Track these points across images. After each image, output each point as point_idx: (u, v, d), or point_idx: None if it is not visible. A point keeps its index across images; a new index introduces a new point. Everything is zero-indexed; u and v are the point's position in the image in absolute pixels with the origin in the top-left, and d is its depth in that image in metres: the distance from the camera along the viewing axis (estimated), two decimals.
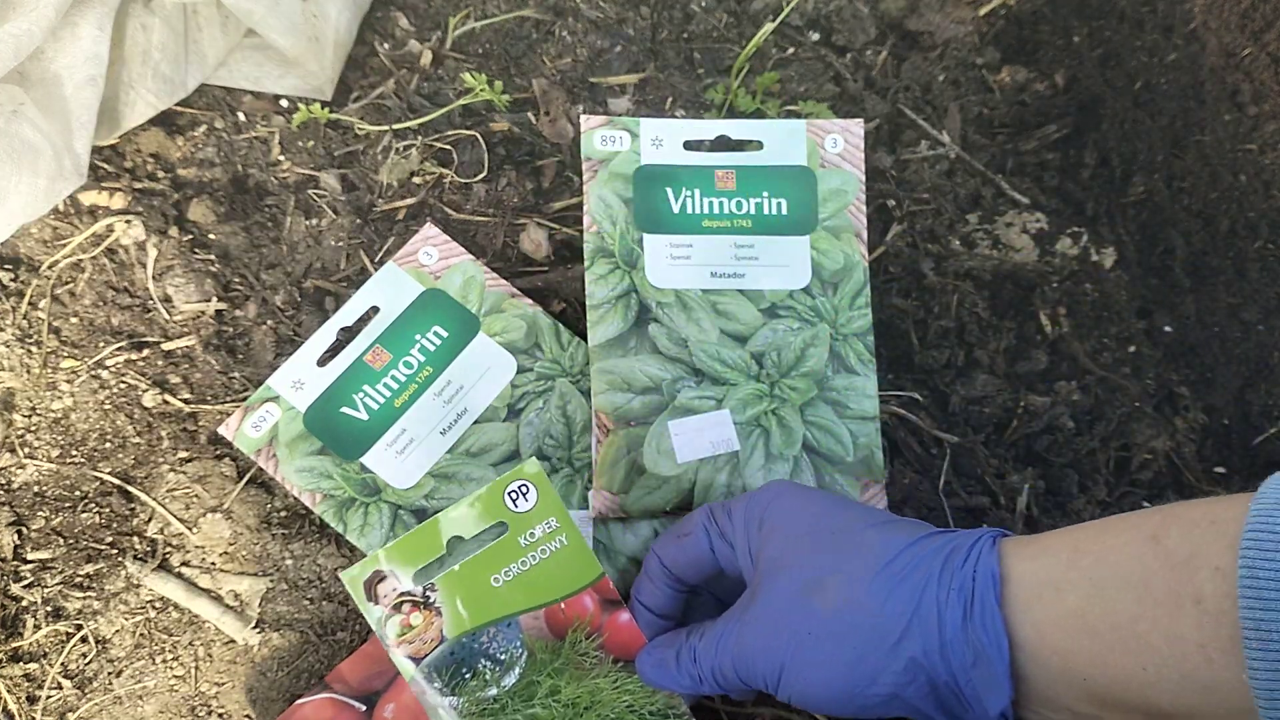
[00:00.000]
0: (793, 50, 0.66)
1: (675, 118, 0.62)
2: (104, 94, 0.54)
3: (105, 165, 0.60)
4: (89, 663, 0.50)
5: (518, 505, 0.46)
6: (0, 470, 0.53)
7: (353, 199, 0.60)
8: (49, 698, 0.49)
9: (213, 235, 0.59)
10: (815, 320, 0.53)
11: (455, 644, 0.45)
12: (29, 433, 0.54)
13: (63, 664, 0.50)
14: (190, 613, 0.51)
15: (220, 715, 0.50)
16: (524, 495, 0.46)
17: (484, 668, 0.45)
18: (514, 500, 0.46)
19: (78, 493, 0.53)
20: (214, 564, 0.52)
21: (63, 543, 0.52)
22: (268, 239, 0.59)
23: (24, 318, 0.56)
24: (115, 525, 0.53)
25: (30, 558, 0.52)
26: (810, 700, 0.36)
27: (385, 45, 0.65)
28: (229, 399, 0.55)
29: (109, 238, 0.58)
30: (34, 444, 0.54)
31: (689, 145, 0.56)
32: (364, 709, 0.48)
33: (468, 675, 0.45)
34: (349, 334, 0.54)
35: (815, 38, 0.67)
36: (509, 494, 0.46)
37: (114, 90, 0.56)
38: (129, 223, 0.58)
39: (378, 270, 0.55)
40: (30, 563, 0.52)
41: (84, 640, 0.51)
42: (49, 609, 0.51)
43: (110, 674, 0.50)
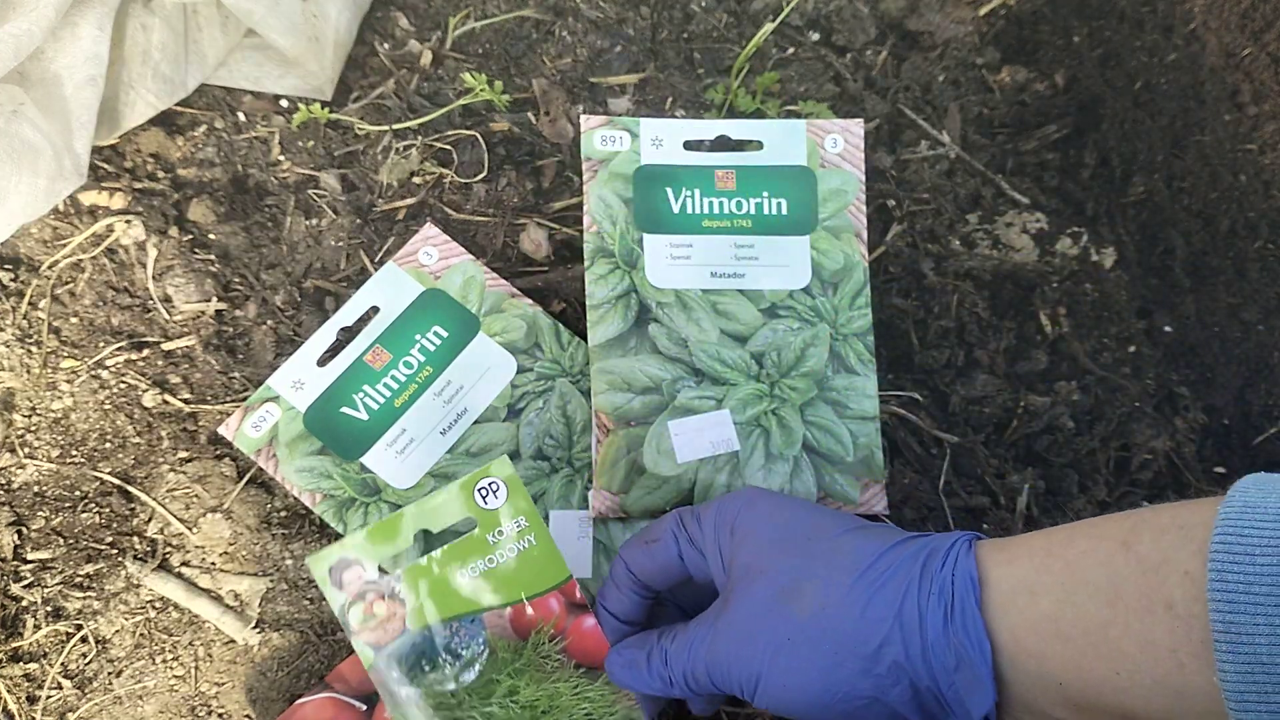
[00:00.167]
0: (793, 50, 0.66)
1: (675, 118, 0.62)
2: (104, 94, 0.54)
3: (105, 165, 0.60)
4: (89, 663, 0.50)
5: (487, 502, 0.45)
6: (0, 470, 0.53)
7: (353, 199, 0.60)
8: (49, 698, 0.49)
9: (213, 235, 0.59)
10: (815, 320, 0.53)
11: (417, 635, 0.44)
12: (29, 433, 0.54)
13: (63, 664, 0.50)
14: (190, 613, 0.51)
15: (220, 715, 0.50)
16: (494, 493, 0.45)
17: (444, 662, 0.44)
18: (483, 497, 0.45)
19: (78, 493, 0.53)
20: (214, 564, 0.52)
21: (63, 543, 0.52)
22: (268, 239, 0.59)
23: (24, 318, 0.56)
24: (115, 525, 0.53)
25: (30, 558, 0.52)
26: (788, 707, 0.35)
27: (385, 45, 0.65)
28: (229, 399, 0.55)
29: (109, 238, 0.58)
30: (34, 444, 0.54)
31: (689, 145, 0.56)
32: (365, 709, 0.48)
33: (427, 668, 0.44)
34: (349, 334, 0.54)
35: (815, 38, 0.67)
36: (479, 490, 0.45)
37: (114, 90, 0.56)
38: (129, 223, 0.58)
39: (378, 270, 0.55)
40: (30, 563, 0.52)
41: (84, 640, 0.51)
42: (49, 609, 0.51)
43: (110, 674, 0.50)
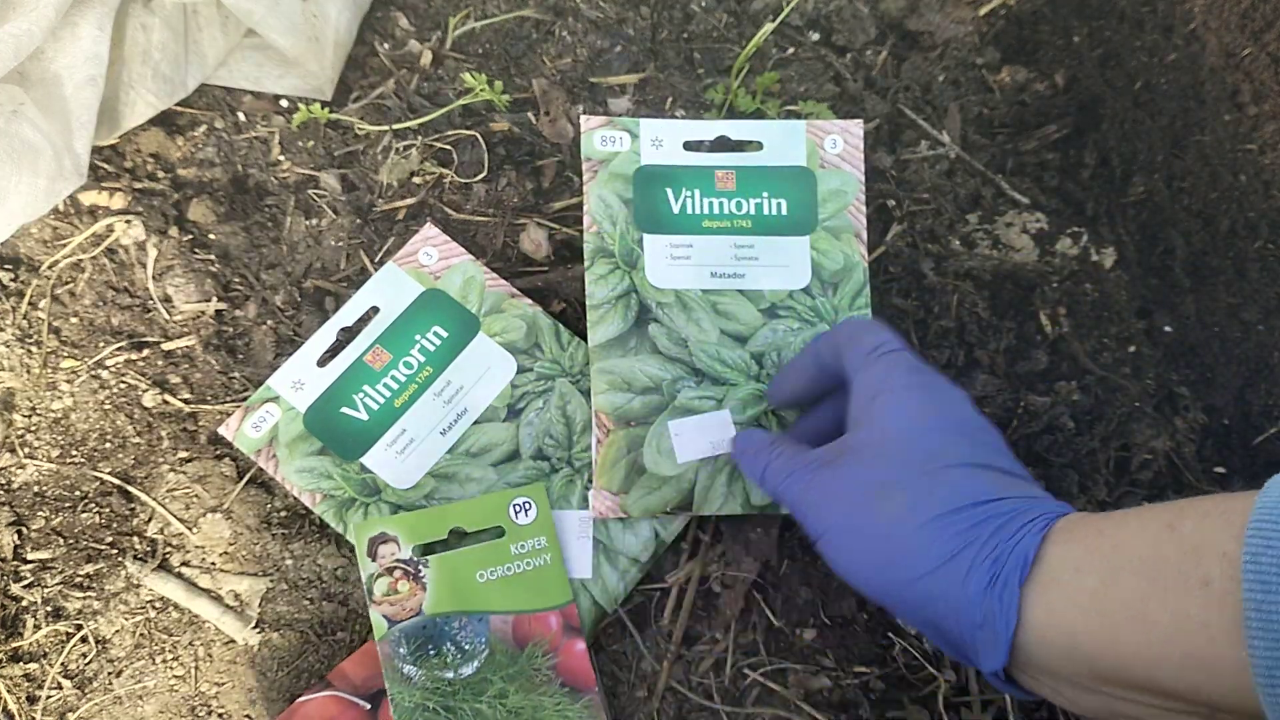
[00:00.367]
0: (793, 50, 0.66)
1: (675, 118, 0.62)
2: (104, 94, 0.54)
3: (105, 165, 0.60)
4: (89, 663, 0.50)
5: (518, 518, 0.50)
6: (0, 470, 0.53)
7: (353, 199, 0.60)
8: (49, 698, 0.49)
9: (213, 235, 0.59)
10: (815, 320, 0.53)
11: (429, 620, 0.48)
12: (29, 433, 0.54)
13: (63, 664, 0.50)
14: (190, 613, 0.51)
15: (220, 715, 0.50)
16: (525, 511, 0.51)
17: (448, 650, 0.48)
18: (516, 512, 0.51)
19: (78, 493, 0.53)
20: (214, 564, 0.52)
21: (63, 543, 0.52)
22: (268, 239, 0.59)
23: (24, 318, 0.56)
24: (115, 525, 0.53)
25: (30, 558, 0.52)
26: (836, 570, 0.40)
27: (385, 45, 0.65)
28: (229, 399, 0.55)
29: (109, 238, 0.58)
30: (34, 444, 0.54)
31: (689, 146, 0.56)
32: (369, 707, 0.48)
33: (432, 652, 0.48)
34: (349, 334, 0.54)
35: (815, 38, 0.67)
36: (513, 505, 0.51)
37: (114, 90, 0.56)
38: (129, 223, 0.58)
39: (378, 270, 0.55)
40: (30, 563, 0.52)
41: (84, 640, 0.51)
42: (49, 609, 0.51)
43: (110, 674, 0.50)
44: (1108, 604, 0.31)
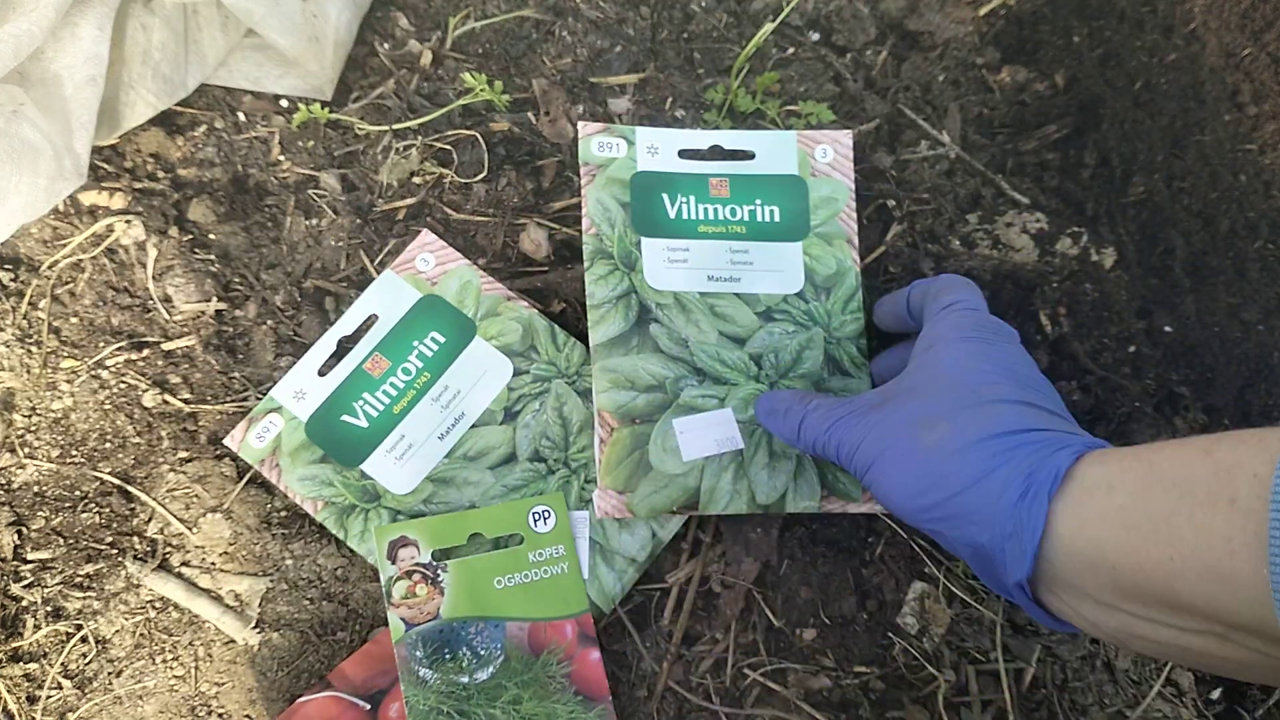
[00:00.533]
0: (793, 50, 0.66)
1: (675, 118, 0.62)
2: (104, 94, 0.54)
3: (105, 165, 0.60)
4: (89, 663, 0.50)
5: (538, 526, 0.51)
6: (0, 470, 0.53)
7: (353, 199, 0.60)
8: (49, 698, 0.49)
9: (213, 235, 0.59)
10: (809, 324, 0.54)
11: (446, 624, 0.49)
12: (29, 433, 0.54)
13: (63, 664, 0.50)
14: (190, 613, 0.51)
15: (220, 715, 0.50)
16: (545, 519, 0.51)
17: (464, 655, 0.48)
18: (535, 520, 0.51)
19: (78, 493, 0.53)
20: (214, 564, 0.52)
21: (63, 543, 0.52)
22: (268, 239, 0.59)
23: (24, 318, 0.56)
24: (115, 525, 0.53)
25: (30, 558, 0.52)
26: (880, 497, 0.42)
27: (385, 45, 0.65)
28: (229, 399, 0.55)
29: (109, 238, 0.58)
30: (34, 444, 0.54)
31: (683, 154, 0.57)
32: (369, 708, 0.48)
33: (448, 656, 0.48)
34: (348, 343, 0.54)
35: (815, 38, 0.67)
36: (533, 513, 0.51)
37: (114, 90, 0.56)
38: (129, 223, 0.58)
39: (376, 278, 0.55)
40: (30, 563, 0.52)
41: (84, 640, 0.51)
42: (49, 609, 0.51)
43: (110, 674, 0.50)
44: (1136, 518, 0.32)
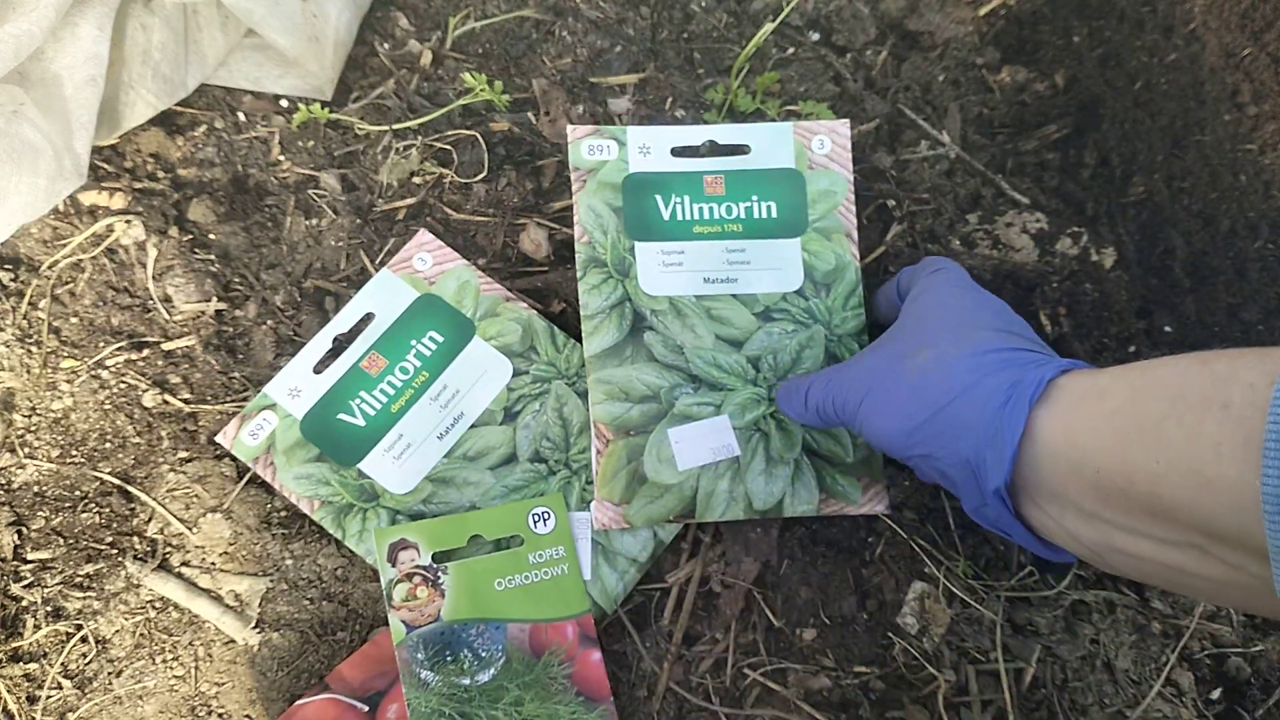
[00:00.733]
0: (793, 50, 0.66)
1: (675, 118, 0.62)
2: (104, 94, 0.54)
3: (105, 165, 0.60)
4: (89, 663, 0.50)
5: (537, 527, 0.51)
6: (0, 470, 0.53)
7: (353, 199, 0.60)
8: (49, 698, 0.49)
9: (213, 235, 0.59)
10: (809, 322, 0.54)
11: (447, 626, 0.49)
12: (29, 433, 0.54)
13: (63, 664, 0.50)
14: (190, 613, 0.51)
15: (220, 715, 0.50)
16: (544, 520, 0.51)
17: (465, 657, 0.48)
18: (535, 522, 0.51)
19: (78, 493, 0.53)
20: (214, 564, 0.52)
21: (63, 543, 0.52)
22: (268, 239, 0.59)
23: (24, 318, 0.56)
24: (115, 525, 0.53)
25: (30, 558, 0.52)
26: (871, 433, 0.42)
27: (385, 45, 0.65)
28: (229, 399, 0.55)
29: (109, 238, 0.58)
30: (34, 444, 0.54)
31: (676, 152, 0.56)
32: (367, 710, 0.48)
33: (449, 658, 0.48)
34: (344, 341, 0.54)
35: (815, 38, 0.67)
36: (532, 514, 0.51)
37: (114, 90, 0.56)
38: (129, 223, 0.58)
39: (373, 276, 0.55)
40: (30, 563, 0.52)
41: (84, 640, 0.51)
42: (49, 609, 0.51)
43: (110, 674, 0.50)
44: (1124, 422, 0.32)
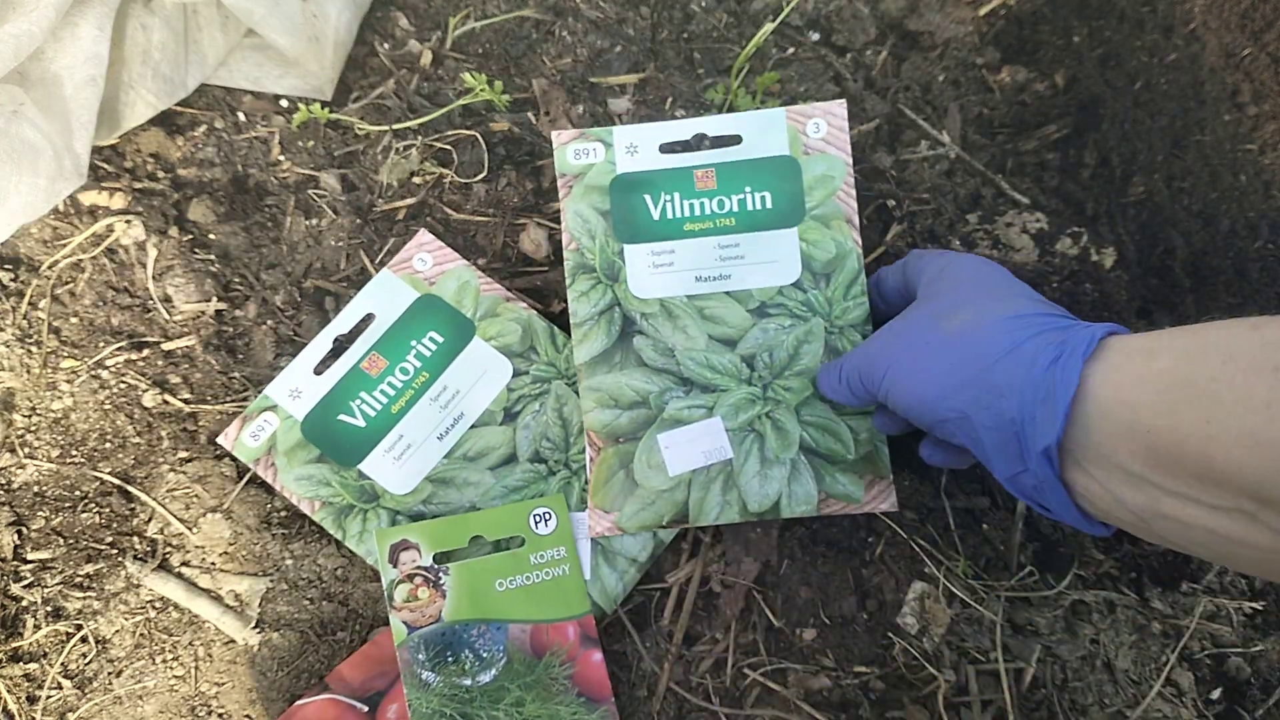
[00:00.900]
0: (793, 50, 0.66)
1: (675, 118, 0.62)
2: (104, 94, 0.54)
3: (105, 165, 0.60)
4: (89, 663, 0.50)
5: (539, 528, 0.51)
6: (0, 470, 0.53)
7: (353, 199, 0.60)
8: (49, 698, 0.49)
9: (213, 235, 0.59)
10: (808, 315, 0.52)
11: (448, 627, 0.49)
12: (29, 433, 0.54)
13: (63, 664, 0.50)
14: (190, 613, 0.51)
15: (220, 715, 0.50)
16: (546, 520, 0.51)
17: (466, 658, 0.49)
18: (536, 522, 0.51)
19: (78, 493, 0.53)
20: (214, 564, 0.52)
21: (63, 543, 0.52)
22: (268, 239, 0.59)
23: (24, 318, 0.56)
24: (115, 525, 0.53)
25: (30, 558, 0.52)
26: (898, 402, 0.41)
27: (385, 45, 0.65)
28: (229, 399, 0.55)
29: (109, 238, 0.58)
30: (34, 444, 0.54)
31: (665, 148, 0.54)
32: (366, 710, 0.48)
33: (450, 659, 0.48)
34: (345, 342, 0.54)
35: (815, 38, 0.67)
36: (534, 515, 0.51)
37: (114, 90, 0.56)
38: (129, 223, 0.58)
39: (373, 277, 0.55)
40: (30, 563, 0.52)
41: (84, 640, 0.51)
42: (49, 609, 0.51)
43: (110, 674, 0.50)
44: (1176, 381, 0.32)
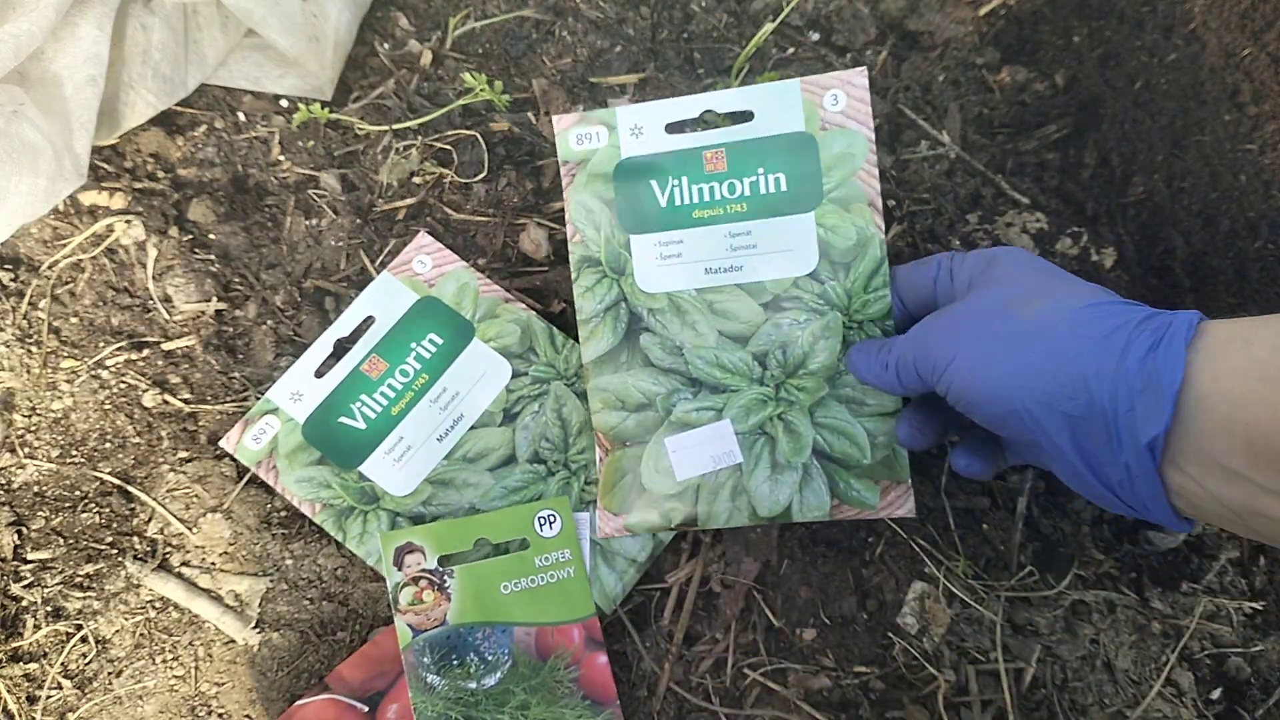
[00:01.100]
0: (793, 50, 0.66)
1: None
2: (104, 94, 0.54)
3: (105, 165, 0.60)
4: (89, 663, 0.50)
5: (543, 530, 0.51)
6: (0, 470, 0.53)
7: (353, 199, 0.60)
8: (49, 698, 0.49)
9: (213, 235, 0.59)
10: (825, 309, 0.48)
11: (453, 630, 0.49)
12: (29, 433, 0.54)
13: (63, 664, 0.50)
14: (190, 613, 0.51)
15: (220, 715, 0.50)
16: (550, 523, 0.51)
17: (471, 661, 0.48)
18: (541, 525, 0.51)
19: (78, 493, 0.53)
20: (214, 564, 0.52)
21: (63, 543, 0.52)
22: (268, 239, 0.59)
23: (24, 318, 0.56)
24: (115, 525, 0.53)
25: (30, 558, 0.52)
26: (963, 393, 0.38)
27: (385, 45, 0.65)
28: (229, 399, 0.55)
29: (109, 238, 0.58)
30: (34, 444, 0.54)
31: (671, 128, 0.50)
32: (366, 710, 0.48)
33: (455, 662, 0.48)
34: (345, 344, 0.54)
35: (815, 38, 0.67)
36: (539, 518, 0.51)
37: (114, 90, 0.56)
38: (129, 223, 0.58)
39: (373, 280, 0.55)
40: (30, 563, 0.52)
41: (84, 640, 0.51)
42: (49, 609, 0.51)
43: (110, 674, 0.50)
44: (1275, 372, 0.31)
